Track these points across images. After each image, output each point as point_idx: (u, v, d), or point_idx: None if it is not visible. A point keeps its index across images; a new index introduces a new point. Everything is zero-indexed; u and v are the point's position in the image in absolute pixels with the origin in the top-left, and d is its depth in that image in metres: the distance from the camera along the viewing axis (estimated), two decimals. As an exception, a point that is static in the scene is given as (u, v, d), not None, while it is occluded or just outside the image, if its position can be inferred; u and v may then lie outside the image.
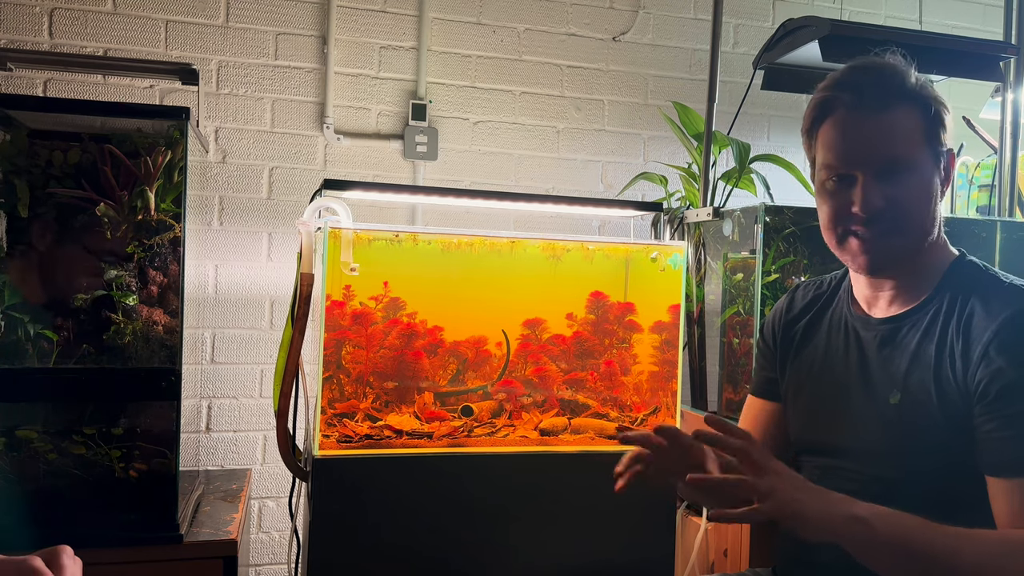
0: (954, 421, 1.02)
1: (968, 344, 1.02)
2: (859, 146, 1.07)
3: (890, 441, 1.09)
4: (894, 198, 1.06)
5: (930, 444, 1.05)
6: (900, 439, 1.07)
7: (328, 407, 1.52)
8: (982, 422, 1.00)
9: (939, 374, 1.04)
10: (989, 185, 2.16)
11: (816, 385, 1.22)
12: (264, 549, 2.27)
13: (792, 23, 1.87)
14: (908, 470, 1.07)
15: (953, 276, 1.10)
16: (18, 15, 2.08)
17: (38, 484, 1.37)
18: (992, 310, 1.02)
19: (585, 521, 1.61)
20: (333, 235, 1.49)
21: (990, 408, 0.99)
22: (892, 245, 1.08)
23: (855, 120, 1.07)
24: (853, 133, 1.08)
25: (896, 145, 1.06)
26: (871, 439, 1.11)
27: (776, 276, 1.69)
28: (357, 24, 2.30)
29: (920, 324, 1.09)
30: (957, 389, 1.03)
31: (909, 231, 1.08)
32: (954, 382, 1.03)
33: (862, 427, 1.13)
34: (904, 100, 1.07)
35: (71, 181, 1.41)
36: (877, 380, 1.12)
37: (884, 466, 1.09)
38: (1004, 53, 1.96)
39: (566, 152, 2.48)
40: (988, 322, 1.01)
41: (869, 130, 1.07)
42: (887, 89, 1.07)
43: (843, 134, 1.08)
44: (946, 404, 1.03)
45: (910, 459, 1.06)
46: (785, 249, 1.69)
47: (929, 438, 1.05)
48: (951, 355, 1.04)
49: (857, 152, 1.07)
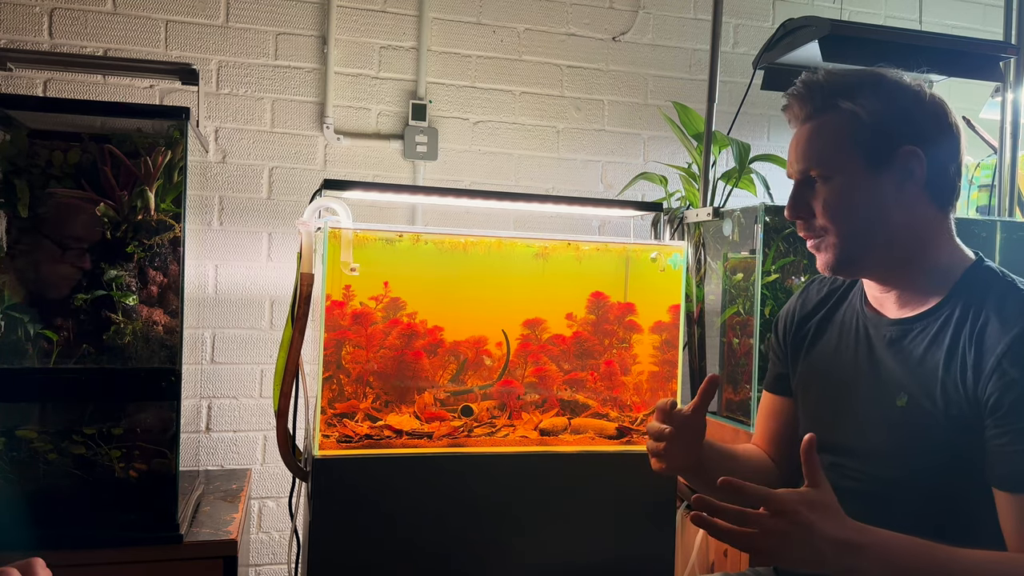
0: (959, 428, 1.02)
1: (981, 354, 1.01)
2: (791, 155, 1.14)
3: (894, 443, 1.08)
4: (820, 204, 1.09)
5: (933, 448, 1.04)
6: (904, 441, 1.07)
7: (328, 407, 1.52)
8: (993, 435, 0.99)
9: (947, 381, 1.03)
10: (989, 185, 2.16)
11: (825, 382, 1.22)
12: (264, 549, 2.27)
13: (792, 23, 1.87)
14: (910, 472, 1.06)
15: (968, 281, 1.08)
16: (18, 15, 2.08)
17: (38, 484, 1.37)
18: (1007, 320, 1.01)
19: (585, 521, 1.61)
20: (333, 235, 1.49)
21: (1002, 421, 0.98)
22: (839, 248, 1.10)
23: (795, 131, 1.15)
24: (792, 143, 1.15)
25: (812, 155, 1.10)
26: (875, 439, 1.11)
27: (776, 276, 1.69)
28: (357, 24, 2.30)
29: (931, 328, 1.08)
30: (965, 398, 1.01)
31: (849, 236, 1.09)
32: (962, 391, 1.02)
33: (867, 427, 1.12)
34: (825, 110, 1.09)
35: (71, 181, 1.41)
36: (885, 381, 1.11)
37: (886, 466, 1.09)
38: (1004, 53, 1.96)
39: (566, 152, 2.48)
40: (1002, 333, 1.00)
41: (796, 140, 1.13)
42: (807, 101, 1.11)
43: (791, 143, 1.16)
44: (952, 411, 1.02)
45: (913, 461, 1.06)
46: (785, 249, 1.69)
47: (933, 442, 1.04)
48: (962, 364, 1.03)
49: (790, 160, 1.15)
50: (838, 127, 1.08)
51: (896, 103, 1.08)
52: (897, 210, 1.08)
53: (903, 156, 1.06)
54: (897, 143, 1.06)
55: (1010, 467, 0.97)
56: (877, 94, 1.08)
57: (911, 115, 1.08)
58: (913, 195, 1.07)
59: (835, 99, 1.09)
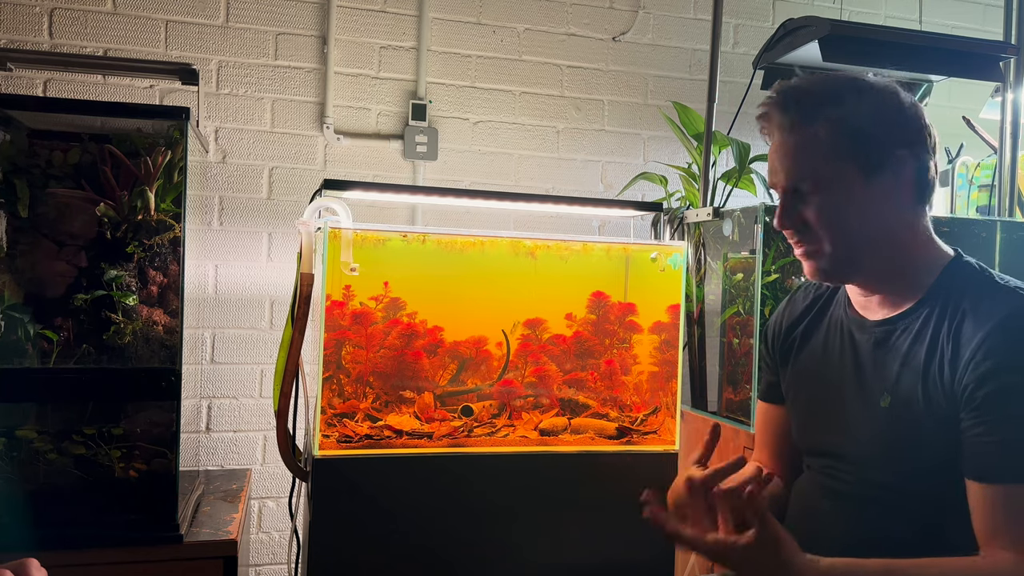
0: (942, 426, 1.02)
1: (957, 349, 1.01)
2: (773, 165, 1.12)
3: (881, 444, 1.08)
4: (814, 215, 1.08)
5: (919, 448, 1.04)
6: (890, 442, 1.07)
7: (328, 407, 1.52)
8: (968, 426, 0.99)
9: (927, 379, 1.04)
10: (989, 185, 2.16)
11: (814, 387, 1.22)
12: (264, 549, 2.27)
13: (792, 23, 1.87)
14: (898, 473, 1.06)
15: (948, 278, 1.09)
16: (18, 15, 2.08)
17: (38, 484, 1.37)
18: (983, 314, 1.01)
19: (585, 521, 1.61)
20: (333, 235, 1.49)
21: (976, 412, 0.98)
22: (833, 256, 1.09)
23: (776, 140, 1.13)
24: (773, 153, 1.13)
25: (802, 167, 1.08)
26: (864, 441, 1.11)
27: (776, 276, 1.69)
28: (357, 24, 2.30)
29: (912, 327, 1.08)
30: (944, 394, 1.02)
31: (844, 244, 1.08)
32: (941, 387, 1.02)
33: (856, 429, 1.12)
34: (813, 120, 1.07)
35: (71, 181, 1.41)
36: (870, 382, 1.12)
37: (875, 469, 1.09)
38: (1004, 53, 1.96)
39: (566, 152, 2.48)
40: (978, 327, 1.00)
41: (781, 151, 1.11)
42: (789, 110, 1.09)
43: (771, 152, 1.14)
44: (933, 409, 1.03)
45: (899, 463, 1.06)
46: (785, 249, 1.69)
47: (918, 443, 1.04)
48: (940, 360, 1.03)
49: (773, 170, 1.13)
50: (828, 137, 1.06)
51: (882, 108, 1.07)
52: (889, 213, 1.08)
53: (895, 160, 1.06)
54: (889, 148, 1.06)
55: (982, 457, 0.97)
56: (862, 101, 1.07)
57: (897, 119, 1.07)
58: (902, 197, 1.08)
59: (822, 108, 1.07)
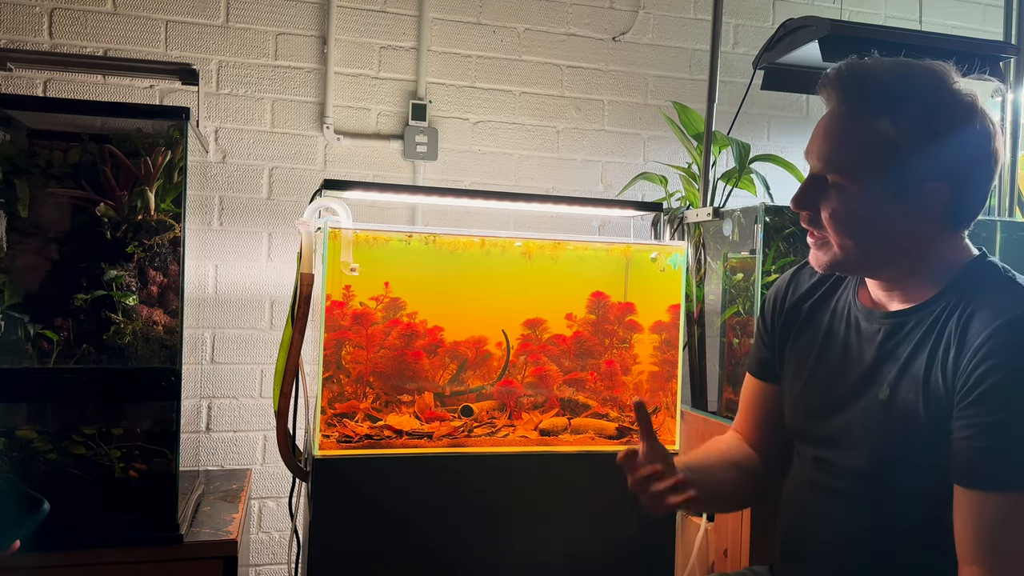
0: (938, 424, 0.98)
1: (962, 346, 0.98)
2: (814, 142, 1.06)
3: (875, 438, 1.05)
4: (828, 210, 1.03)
5: (912, 444, 1.01)
6: (884, 436, 1.04)
7: (328, 407, 1.52)
8: (959, 427, 0.95)
9: (928, 375, 1.01)
10: (989, 185, 2.16)
11: (812, 372, 1.18)
12: (264, 549, 2.27)
13: (792, 23, 1.87)
14: (889, 467, 1.03)
15: (966, 276, 1.04)
16: (18, 15, 2.08)
17: (38, 484, 1.37)
18: (993, 312, 0.96)
19: (585, 521, 1.61)
20: (333, 235, 1.49)
21: (968, 414, 0.94)
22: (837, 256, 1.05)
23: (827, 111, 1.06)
24: (819, 129, 1.06)
25: (833, 159, 1.03)
26: (858, 433, 1.08)
27: (776, 276, 1.69)
28: (357, 24, 2.30)
29: (923, 323, 1.04)
30: (944, 390, 0.98)
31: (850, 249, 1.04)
32: (941, 384, 0.99)
33: (851, 420, 1.09)
34: (863, 116, 1.01)
35: (71, 181, 1.41)
36: (871, 374, 1.08)
37: (867, 461, 1.06)
38: (1004, 53, 1.96)
39: (566, 152, 2.48)
40: (986, 323, 0.96)
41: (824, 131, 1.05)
42: (848, 95, 1.03)
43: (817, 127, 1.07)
44: (930, 406, 0.99)
45: (892, 458, 1.03)
46: (785, 249, 1.69)
47: (912, 438, 1.01)
48: (944, 357, 0.99)
49: (811, 148, 1.06)
50: (868, 141, 1.00)
51: (938, 131, 0.99)
52: (906, 236, 1.03)
53: (927, 191, 1.00)
54: (923, 178, 0.99)
55: (972, 464, 0.94)
56: (921, 115, 0.99)
57: (949, 149, 0.99)
58: (928, 224, 1.02)
59: (877, 109, 1.00)
